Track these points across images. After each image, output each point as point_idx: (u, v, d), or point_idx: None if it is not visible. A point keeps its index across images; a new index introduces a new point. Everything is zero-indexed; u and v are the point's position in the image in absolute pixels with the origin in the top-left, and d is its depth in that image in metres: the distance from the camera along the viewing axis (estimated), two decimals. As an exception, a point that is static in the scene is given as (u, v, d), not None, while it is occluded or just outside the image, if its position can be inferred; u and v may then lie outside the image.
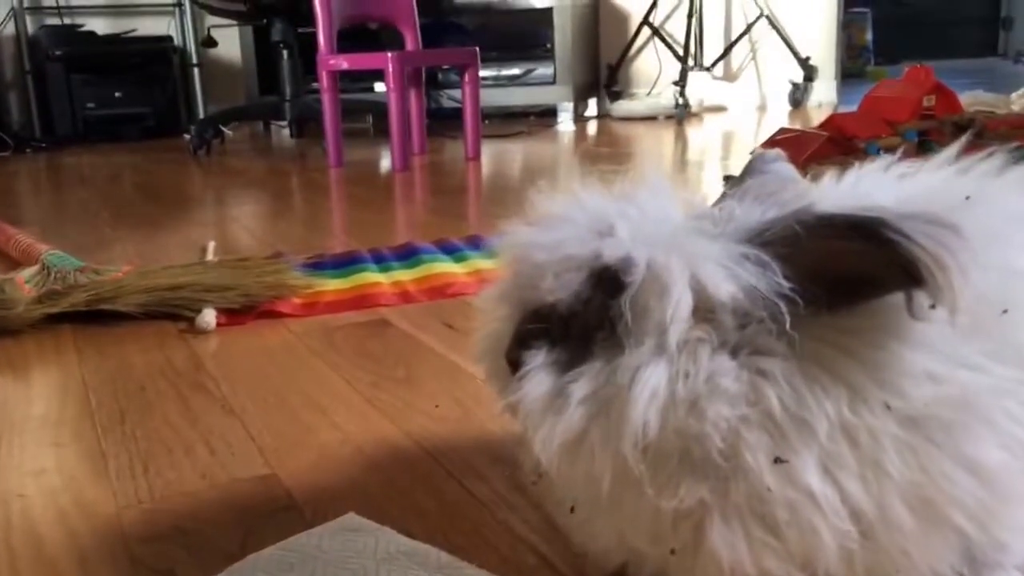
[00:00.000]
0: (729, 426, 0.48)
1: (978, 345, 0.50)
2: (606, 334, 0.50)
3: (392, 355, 1.17)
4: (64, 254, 1.51)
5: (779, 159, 0.65)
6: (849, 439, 0.48)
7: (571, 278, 0.51)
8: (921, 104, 2.29)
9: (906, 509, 0.49)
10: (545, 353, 0.52)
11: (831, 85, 4.56)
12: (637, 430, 0.48)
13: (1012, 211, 0.57)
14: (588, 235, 0.52)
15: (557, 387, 0.51)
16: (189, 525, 0.75)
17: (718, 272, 0.48)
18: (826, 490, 0.48)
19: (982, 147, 1.92)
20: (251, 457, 0.87)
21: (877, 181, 0.60)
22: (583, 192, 0.56)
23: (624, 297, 0.49)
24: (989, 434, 0.50)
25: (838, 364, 0.48)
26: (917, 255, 0.44)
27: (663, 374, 0.48)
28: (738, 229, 0.51)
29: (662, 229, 0.52)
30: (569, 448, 0.51)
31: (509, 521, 0.74)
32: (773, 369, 0.49)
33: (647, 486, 0.49)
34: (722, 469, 0.49)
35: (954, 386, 0.49)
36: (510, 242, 0.55)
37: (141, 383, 1.09)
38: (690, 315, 0.49)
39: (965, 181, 0.59)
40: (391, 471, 0.84)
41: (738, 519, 0.49)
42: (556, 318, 0.53)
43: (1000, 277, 0.52)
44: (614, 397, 0.49)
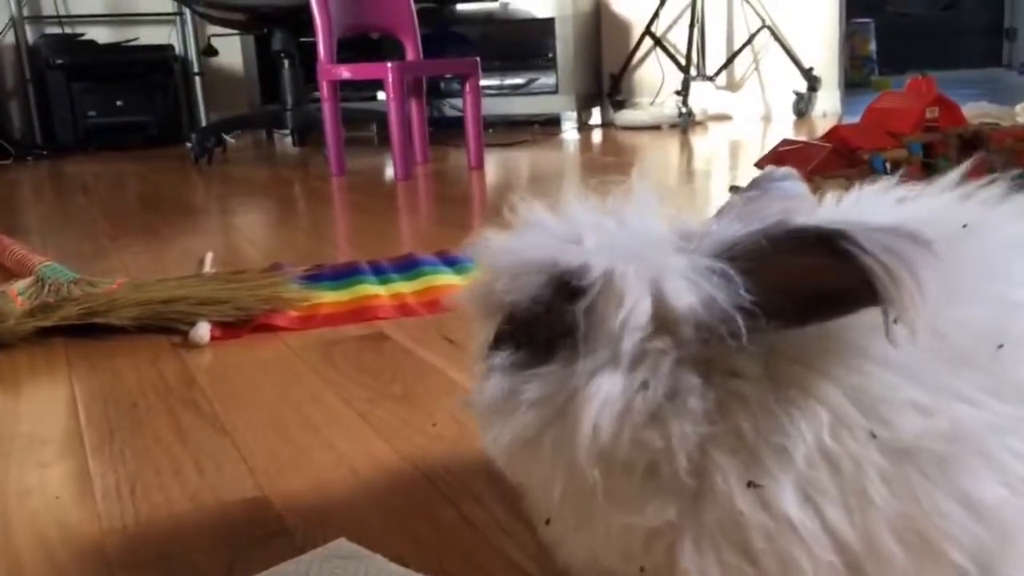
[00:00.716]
0: (695, 445, 0.48)
1: (973, 379, 0.49)
2: (568, 340, 0.50)
3: (389, 370, 1.15)
4: (59, 266, 1.49)
5: (788, 176, 0.63)
6: (830, 466, 0.47)
7: (527, 281, 0.51)
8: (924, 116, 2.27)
9: (896, 542, 0.47)
10: (506, 355, 0.52)
11: (835, 95, 4.55)
12: (587, 435, 0.47)
13: (1012, 240, 0.55)
14: (554, 242, 0.52)
15: (511, 389, 0.51)
16: (174, 550, 0.72)
17: (680, 284, 0.48)
18: (805, 518, 0.46)
19: (987, 161, 1.90)
20: (241, 479, 0.85)
21: (876, 204, 0.59)
22: (565, 202, 0.55)
23: (580, 304, 0.49)
24: (987, 470, 0.48)
25: (818, 388, 0.47)
26: (870, 267, 0.42)
27: (618, 382, 0.48)
28: (711, 244, 0.50)
29: (633, 241, 0.51)
30: (521, 451, 0.51)
31: (505, 547, 0.72)
32: (746, 391, 0.48)
33: (600, 494, 0.49)
34: (691, 489, 0.48)
35: (945, 419, 0.47)
36: (483, 246, 0.55)
37: (132, 399, 1.07)
38: (648, 325, 0.48)
39: (965, 208, 0.57)
40: (385, 494, 0.82)
41: (711, 543, 0.48)
42: (518, 321, 0.53)
43: (997, 309, 0.51)
44: (568, 402, 0.49)
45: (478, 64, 3.17)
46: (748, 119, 4.59)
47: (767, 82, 4.66)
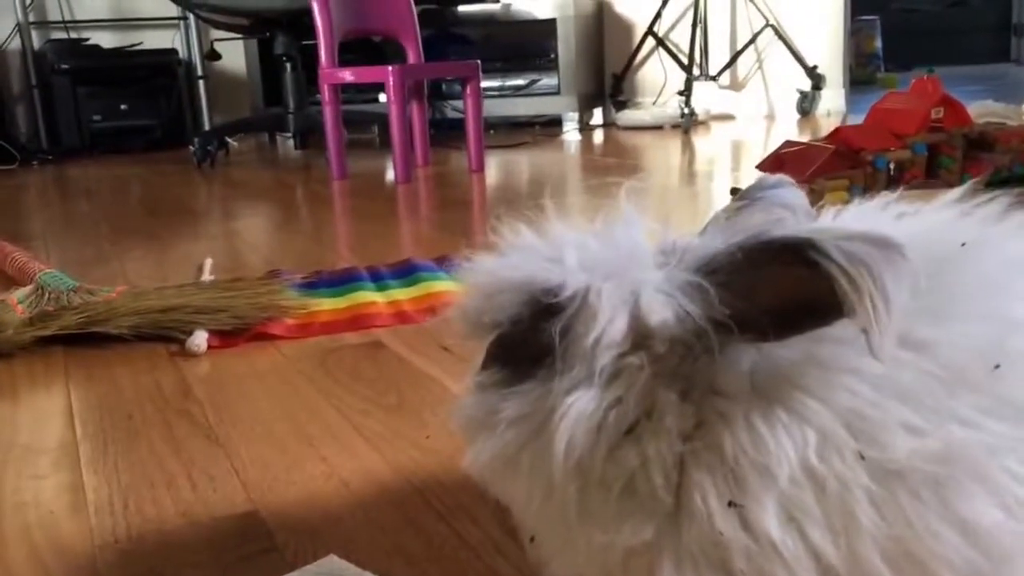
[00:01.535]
0: (673, 463, 0.47)
1: (969, 399, 0.48)
2: (547, 358, 0.50)
3: (384, 380, 1.15)
4: (59, 273, 1.50)
5: (780, 184, 0.63)
6: (815, 486, 0.46)
7: (504, 301, 0.51)
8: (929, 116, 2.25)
9: (885, 566, 0.46)
10: (490, 374, 0.53)
11: (839, 93, 4.53)
12: (562, 451, 0.47)
13: (1012, 258, 0.55)
14: (532, 261, 0.52)
15: (490, 407, 0.51)
16: (164, 567, 0.73)
17: (655, 299, 0.48)
18: (787, 539, 0.46)
19: (993, 161, 1.88)
20: (233, 492, 0.85)
21: (874, 219, 0.58)
22: (549, 221, 0.55)
23: (556, 322, 0.49)
24: (983, 492, 0.47)
25: (805, 407, 0.47)
26: (834, 275, 0.42)
27: (592, 398, 0.48)
28: (691, 258, 0.49)
29: (612, 258, 0.51)
30: (501, 469, 0.51)
31: (497, 566, 0.72)
32: (727, 408, 0.47)
33: (577, 512, 0.49)
34: (670, 508, 0.48)
35: (938, 440, 0.46)
36: (466, 267, 0.55)
37: (128, 410, 1.07)
38: (623, 342, 0.48)
39: (965, 224, 0.56)
40: (377, 509, 0.82)
41: (691, 564, 0.48)
42: (501, 340, 0.53)
43: (996, 328, 0.50)
44: (545, 420, 0.49)
45: (479, 67, 3.17)
46: (751, 119, 4.57)
47: (771, 81, 4.64)
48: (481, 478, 0.53)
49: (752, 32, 4.51)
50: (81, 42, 4.42)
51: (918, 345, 0.48)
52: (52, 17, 4.52)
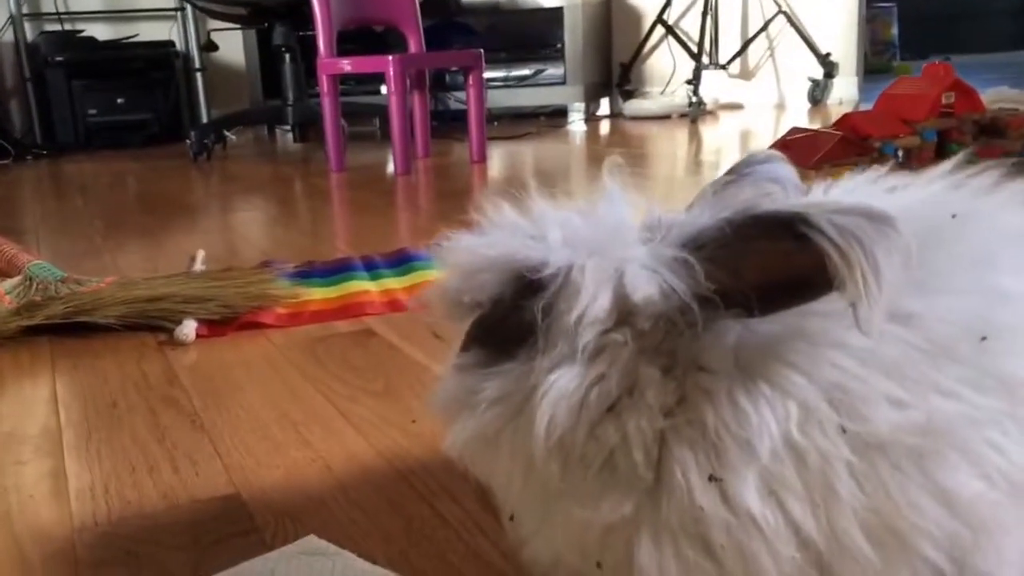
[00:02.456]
0: (653, 439, 0.47)
1: (953, 372, 0.48)
2: (529, 337, 0.49)
3: (373, 367, 1.15)
4: (48, 264, 1.49)
5: (770, 159, 0.62)
6: (796, 460, 0.46)
7: (485, 279, 0.51)
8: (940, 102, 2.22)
9: (865, 538, 0.46)
10: (470, 355, 0.52)
11: (852, 82, 4.48)
12: (543, 429, 0.47)
13: (1003, 230, 0.54)
14: (514, 239, 0.51)
15: (470, 387, 0.51)
16: (142, 549, 0.72)
17: (639, 275, 0.47)
18: (767, 512, 0.46)
19: (1004, 147, 1.87)
20: (215, 476, 0.85)
21: (866, 193, 0.57)
22: (532, 199, 0.55)
23: (538, 299, 0.48)
24: (966, 464, 0.47)
25: (788, 381, 0.46)
26: (824, 248, 0.41)
27: (574, 376, 0.47)
28: (677, 234, 0.49)
29: (596, 235, 0.50)
30: (481, 449, 0.51)
31: (478, 545, 0.71)
32: (710, 384, 0.47)
33: (557, 490, 0.49)
34: (649, 484, 0.47)
35: (921, 413, 0.46)
36: (445, 246, 0.54)
37: (113, 398, 1.07)
38: (607, 319, 0.47)
39: (956, 197, 0.56)
40: (358, 491, 0.81)
41: (669, 539, 0.47)
42: (482, 320, 0.52)
43: (983, 300, 0.50)
44: (527, 399, 0.48)
45: (481, 56, 3.14)
46: (761, 108, 4.53)
47: (782, 70, 4.59)
48: (461, 459, 0.53)
49: (764, 19, 4.46)
50: (75, 34, 4.40)
51: (904, 318, 0.48)
52: (46, 8, 4.51)
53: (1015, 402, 0.48)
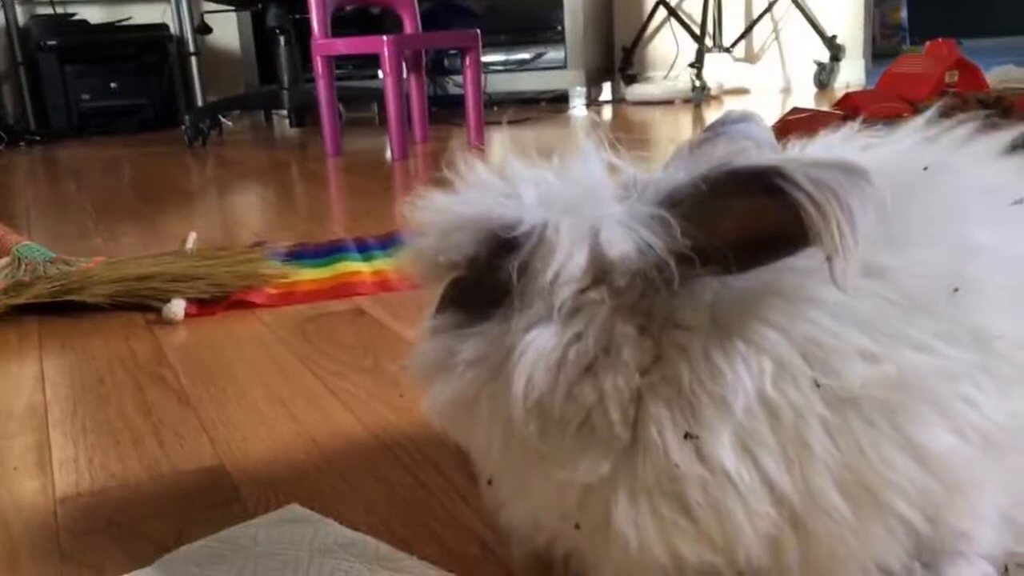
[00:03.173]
0: (630, 398, 0.47)
1: (926, 325, 0.48)
2: (505, 297, 0.49)
3: (362, 344, 1.15)
4: (37, 245, 1.49)
5: (746, 118, 0.62)
6: (770, 416, 0.46)
7: (460, 239, 0.50)
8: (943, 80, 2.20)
9: (839, 495, 0.46)
10: (446, 316, 0.52)
11: (859, 65, 4.41)
12: (521, 389, 0.47)
13: (974, 184, 0.54)
14: (488, 198, 0.51)
15: (448, 349, 0.50)
16: (124, 519, 0.72)
17: (616, 232, 0.47)
18: (741, 469, 0.46)
19: (1008, 127, 1.85)
20: (200, 449, 0.85)
21: (841, 150, 0.57)
22: (507, 159, 0.54)
23: (513, 258, 0.48)
24: (938, 418, 0.47)
25: (763, 337, 0.46)
26: (800, 201, 0.41)
27: (552, 335, 0.47)
28: (653, 191, 0.49)
29: (571, 193, 0.50)
30: (460, 411, 0.51)
31: (458, 512, 0.72)
32: (686, 341, 0.47)
33: (535, 451, 0.48)
34: (626, 443, 0.47)
35: (892, 366, 0.46)
36: (419, 207, 0.54)
37: (100, 375, 1.07)
38: (583, 277, 0.47)
39: (928, 151, 0.56)
40: (343, 463, 0.81)
41: (646, 498, 0.47)
42: (458, 281, 0.52)
43: (955, 253, 0.50)
44: (504, 359, 0.48)
45: (478, 37, 3.10)
46: (766, 92, 4.47)
47: (787, 52, 4.52)
48: (440, 422, 0.53)
49: (768, 1, 4.41)
50: (68, 17, 4.36)
51: (878, 272, 0.48)
52: (37, -8, 4.48)
53: (988, 355, 0.48)
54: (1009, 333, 0.49)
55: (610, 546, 0.49)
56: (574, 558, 0.55)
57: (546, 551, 0.55)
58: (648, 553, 0.48)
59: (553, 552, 0.55)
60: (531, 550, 0.56)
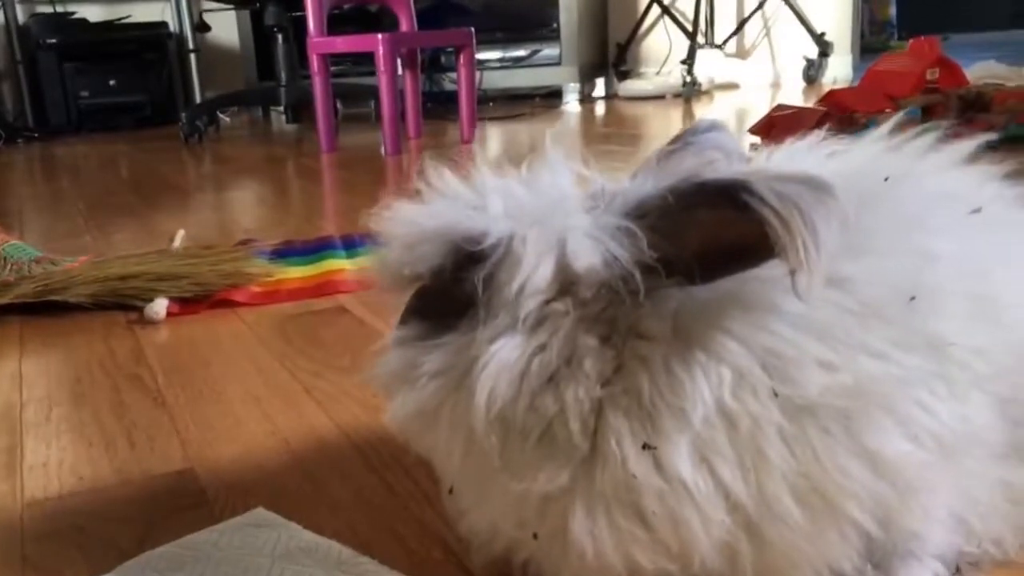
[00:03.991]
0: (590, 409, 0.47)
1: (882, 332, 0.48)
2: (470, 309, 0.49)
3: (341, 343, 1.15)
4: (23, 244, 1.49)
5: (714, 128, 0.62)
6: (728, 425, 0.46)
7: (425, 251, 0.50)
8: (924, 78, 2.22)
9: (794, 502, 0.47)
10: (410, 327, 0.52)
11: (847, 60, 4.46)
12: (484, 401, 0.47)
13: (934, 192, 0.54)
14: (455, 209, 0.51)
15: (411, 361, 0.50)
16: (90, 523, 0.73)
17: (582, 244, 0.47)
18: (698, 478, 0.46)
19: (989, 121, 1.89)
20: (171, 452, 0.85)
21: (807, 158, 0.58)
22: (474, 169, 0.54)
23: (478, 270, 0.48)
24: (893, 424, 0.47)
25: (723, 347, 0.46)
26: (765, 216, 0.41)
27: (516, 346, 0.47)
28: (621, 202, 0.49)
29: (538, 203, 0.50)
30: (422, 422, 0.51)
31: (423, 515, 0.72)
32: (648, 352, 0.47)
33: (496, 458, 0.48)
34: (585, 454, 0.48)
35: (849, 374, 0.46)
36: (385, 218, 0.53)
37: (77, 375, 1.07)
38: (549, 288, 0.47)
39: (891, 160, 0.56)
40: (313, 464, 0.81)
41: (603, 508, 0.48)
42: (423, 293, 0.52)
43: (912, 261, 0.50)
44: (467, 371, 0.48)
45: (472, 35, 3.12)
46: (756, 87, 4.51)
47: (778, 48, 4.56)
48: (402, 433, 0.53)
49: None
50: (67, 16, 4.36)
51: (838, 281, 0.48)
52: (37, -9, 4.48)
53: (943, 361, 0.49)
54: (964, 340, 0.49)
55: (567, 555, 0.50)
56: (533, 565, 0.55)
57: (505, 559, 0.55)
58: (604, 562, 0.48)
59: (512, 560, 0.55)
60: (491, 557, 0.56)
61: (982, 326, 0.50)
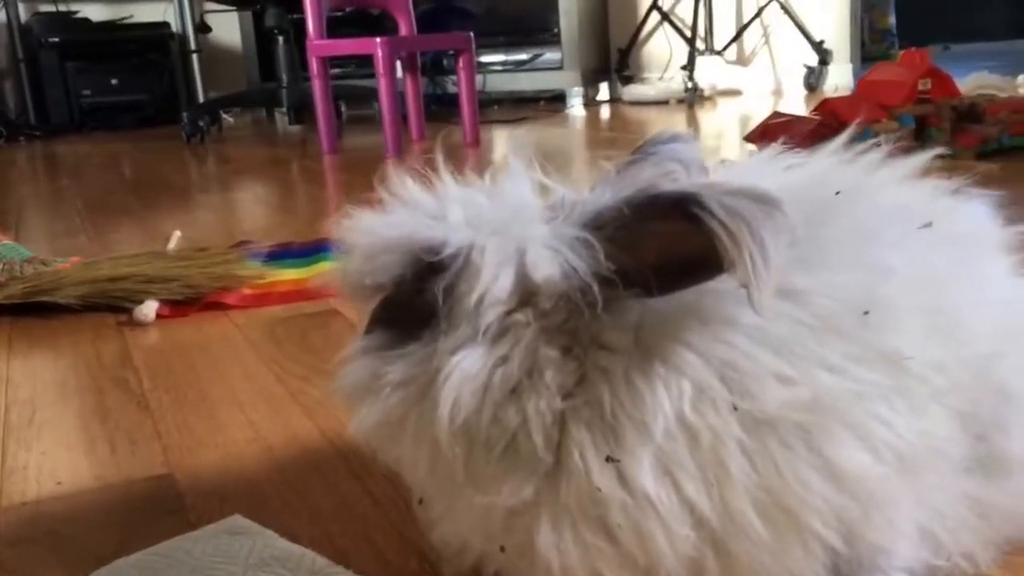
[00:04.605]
0: (553, 421, 0.47)
1: (838, 347, 0.48)
2: (433, 319, 0.49)
3: (331, 347, 1.14)
4: (15, 245, 1.50)
5: (676, 139, 0.61)
6: (689, 439, 0.46)
7: (386, 261, 0.50)
8: (916, 88, 2.25)
9: (757, 516, 0.47)
10: (374, 336, 0.51)
11: (848, 69, 4.47)
12: (447, 412, 0.47)
13: (888, 206, 0.54)
14: (415, 219, 0.50)
15: (375, 371, 0.50)
16: (66, 528, 0.72)
17: (541, 255, 0.47)
18: (661, 492, 0.46)
19: (982, 132, 1.89)
20: (152, 456, 0.85)
21: (762, 171, 0.58)
22: (437, 178, 0.54)
23: (439, 280, 0.48)
24: (851, 438, 0.47)
25: (683, 360, 0.46)
26: (714, 230, 0.42)
27: (478, 357, 0.47)
28: (580, 213, 0.49)
29: (499, 214, 0.50)
30: (387, 433, 0.51)
31: (402, 524, 0.71)
32: (609, 364, 0.47)
33: (460, 471, 0.48)
34: (549, 467, 0.47)
35: (807, 389, 0.46)
36: (347, 227, 0.53)
37: (63, 378, 1.07)
38: (509, 299, 0.47)
39: (845, 174, 0.56)
40: (294, 471, 0.81)
41: (568, 521, 0.47)
42: (387, 303, 0.52)
43: (866, 276, 0.50)
44: (430, 382, 0.48)
45: (471, 40, 3.13)
46: (758, 94, 4.52)
47: (778, 56, 4.58)
48: (368, 443, 0.53)
49: (758, 6, 4.45)
50: (69, 15, 4.39)
51: (793, 294, 0.48)
52: (40, -10, 4.49)
53: (901, 375, 0.49)
54: (921, 354, 0.49)
55: (534, 568, 0.49)
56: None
57: (475, 570, 0.55)
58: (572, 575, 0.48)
59: (483, 572, 0.55)
60: (462, 569, 0.56)
61: (938, 340, 0.50)
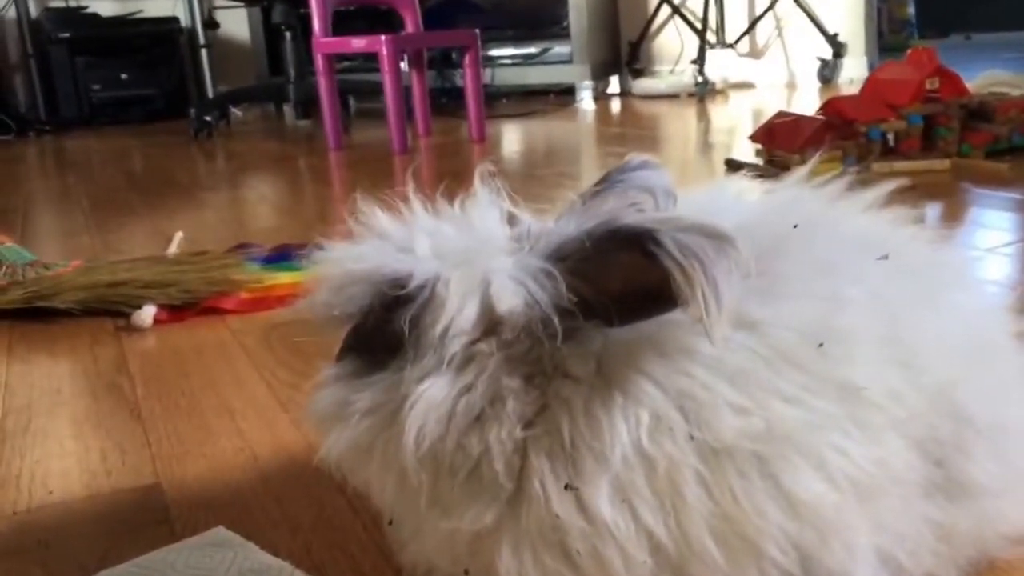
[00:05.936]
0: (514, 449, 0.48)
1: (794, 377, 0.49)
2: (400, 349, 0.51)
3: (324, 353, 1.14)
4: (18, 247, 1.52)
5: (644, 166, 0.62)
6: (647, 467, 0.47)
7: (353, 291, 0.52)
8: (923, 87, 2.23)
9: (714, 543, 0.48)
10: (345, 364, 0.53)
11: (862, 62, 4.43)
12: (412, 440, 0.48)
13: (843, 237, 0.55)
14: (382, 251, 0.52)
15: (344, 399, 0.52)
16: (55, 538, 0.74)
17: (506, 287, 0.48)
18: (619, 519, 0.47)
19: (992, 131, 1.89)
20: (141, 466, 0.87)
21: (723, 204, 0.59)
22: (406, 208, 0.56)
23: (406, 311, 0.49)
24: (807, 467, 0.49)
25: (642, 390, 0.48)
26: (668, 268, 0.43)
27: (443, 386, 0.48)
28: (544, 244, 0.50)
29: (464, 245, 0.52)
30: (356, 459, 0.52)
31: (380, 538, 0.72)
32: (570, 393, 0.49)
33: (425, 496, 0.50)
34: (510, 494, 0.49)
35: (762, 419, 0.48)
36: (318, 257, 0.55)
37: (59, 384, 1.09)
38: (474, 329, 0.49)
39: (803, 206, 0.57)
40: (278, 482, 0.83)
41: (529, 546, 0.49)
42: (356, 332, 0.53)
43: (822, 307, 0.51)
44: (397, 409, 0.49)
45: (477, 36, 3.13)
46: (771, 87, 4.48)
47: (791, 48, 4.54)
48: (337, 469, 0.54)
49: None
50: (79, 10, 4.41)
51: (750, 325, 0.50)
52: (50, -15, 4.52)
53: (856, 405, 0.50)
54: (877, 383, 0.50)
55: None
56: None
57: None
58: None
59: None
60: None
61: (895, 369, 0.51)
